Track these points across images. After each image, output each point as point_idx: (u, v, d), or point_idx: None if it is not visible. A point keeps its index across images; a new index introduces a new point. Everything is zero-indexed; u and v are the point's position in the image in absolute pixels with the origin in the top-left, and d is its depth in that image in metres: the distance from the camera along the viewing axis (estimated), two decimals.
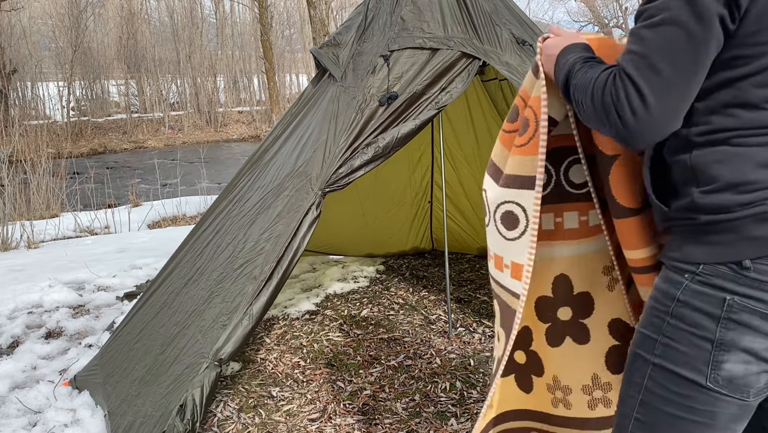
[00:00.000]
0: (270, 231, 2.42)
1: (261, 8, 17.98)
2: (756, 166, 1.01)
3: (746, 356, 1.04)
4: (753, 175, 1.01)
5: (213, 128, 19.50)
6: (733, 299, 1.04)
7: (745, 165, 1.02)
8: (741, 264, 1.02)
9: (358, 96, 2.54)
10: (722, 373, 1.06)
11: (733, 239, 1.03)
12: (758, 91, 1.00)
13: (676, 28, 1.00)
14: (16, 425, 2.48)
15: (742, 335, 1.04)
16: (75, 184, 8.37)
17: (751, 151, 1.02)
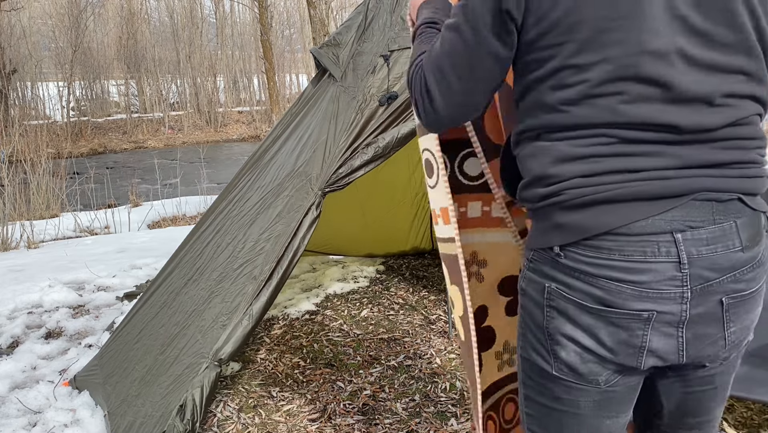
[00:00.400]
0: (270, 231, 2.42)
1: (261, 8, 17.99)
2: (555, 160, 1.04)
3: (573, 345, 1.05)
4: (552, 169, 1.04)
5: (213, 128, 19.51)
6: (551, 286, 1.05)
7: (545, 159, 1.05)
8: (553, 250, 1.04)
9: (358, 96, 2.54)
10: (562, 362, 1.06)
11: (546, 226, 1.06)
12: (553, 94, 1.03)
13: (456, 35, 1.07)
14: (16, 425, 2.48)
15: (564, 324, 1.05)
16: (75, 184, 8.37)
17: (551, 148, 1.05)
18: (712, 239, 0.99)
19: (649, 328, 1.00)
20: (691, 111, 0.98)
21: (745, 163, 1.02)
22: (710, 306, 1.01)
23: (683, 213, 0.99)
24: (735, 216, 1.01)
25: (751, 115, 1.03)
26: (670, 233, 0.98)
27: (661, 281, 0.98)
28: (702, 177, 0.99)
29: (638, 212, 0.99)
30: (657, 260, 0.98)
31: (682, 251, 0.98)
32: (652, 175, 0.98)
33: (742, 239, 1.01)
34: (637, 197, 0.99)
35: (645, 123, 0.98)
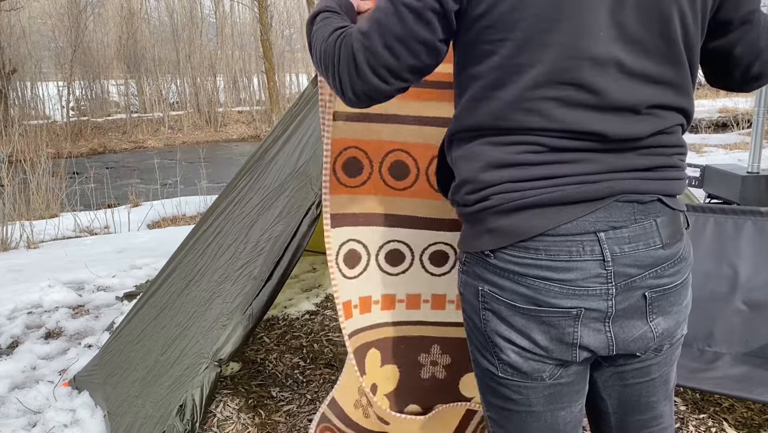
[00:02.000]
0: (270, 232, 2.42)
1: (261, 8, 17.98)
2: (486, 166, 1.05)
3: (512, 346, 1.07)
4: (483, 175, 1.05)
5: (213, 128, 19.49)
6: (484, 289, 1.07)
7: (477, 165, 1.06)
8: (484, 253, 1.07)
9: None
10: (505, 363, 1.09)
11: (478, 230, 1.08)
12: (489, 93, 1.02)
13: (392, 6, 1.02)
14: (15, 426, 2.48)
15: (499, 326, 1.07)
16: (75, 184, 8.37)
17: (483, 153, 1.05)
18: (634, 237, 1.03)
19: (579, 324, 1.04)
20: (618, 120, 1.01)
21: (665, 168, 1.07)
22: (634, 300, 1.05)
23: (606, 214, 1.02)
24: (655, 216, 1.05)
25: (675, 125, 1.07)
26: (594, 232, 1.02)
27: (587, 278, 1.02)
28: (624, 180, 1.03)
29: (565, 215, 1.02)
30: (582, 258, 1.02)
31: (605, 250, 1.02)
32: (577, 180, 1.02)
33: (663, 236, 1.05)
34: (563, 201, 1.02)
35: (576, 131, 1.00)
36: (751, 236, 2.30)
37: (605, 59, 0.98)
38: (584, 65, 0.98)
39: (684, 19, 1.02)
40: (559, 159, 1.02)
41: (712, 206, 2.40)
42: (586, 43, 0.97)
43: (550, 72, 0.98)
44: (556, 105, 0.99)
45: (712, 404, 2.42)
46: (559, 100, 0.99)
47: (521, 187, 1.02)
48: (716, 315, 2.25)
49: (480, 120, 1.04)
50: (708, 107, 17.14)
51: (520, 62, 0.98)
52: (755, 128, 4.17)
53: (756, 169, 4.13)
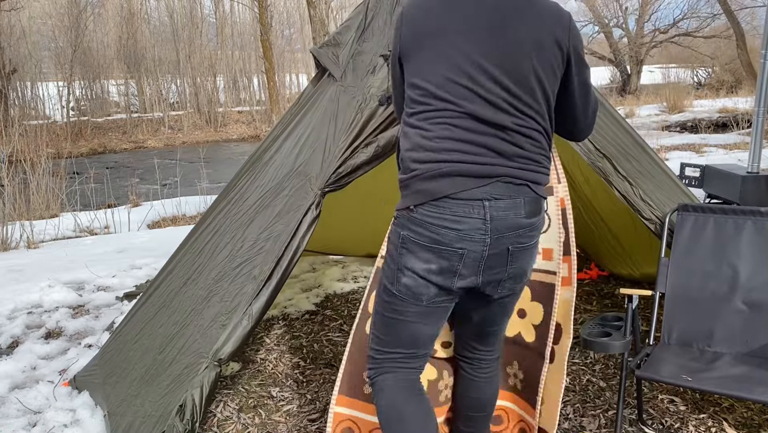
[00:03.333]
0: (269, 231, 2.42)
1: (261, 8, 17.97)
2: (413, 146, 1.59)
3: (411, 273, 1.61)
4: (412, 153, 1.59)
5: (213, 128, 19.49)
6: (405, 233, 1.61)
7: (408, 144, 1.61)
8: (410, 209, 1.59)
9: (358, 96, 2.53)
10: (401, 285, 1.64)
11: (408, 193, 1.60)
12: (409, 92, 1.62)
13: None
14: (16, 426, 2.48)
15: (408, 259, 1.60)
16: (75, 184, 8.36)
17: (411, 135, 1.61)
18: (506, 207, 1.56)
19: (462, 259, 1.57)
20: (494, 134, 1.55)
21: (533, 162, 1.59)
22: (501, 250, 1.59)
23: (491, 189, 1.55)
24: (524, 195, 1.58)
25: (540, 139, 1.60)
26: (481, 200, 1.54)
27: (473, 229, 1.55)
28: (505, 167, 1.56)
29: (465, 185, 1.54)
30: (471, 216, 1.54)
31: (487, 213, 1.55)
32: (476, 160, 1.54)
33: (526, 211, 1.59)
34: (465, 174, 1.54)
35: (471, 129, 1.56)
36: (751, 236, 2.29)
37: (473, 91, 1.56)
38: (455, 91, 1.58)
39: (540, 79, 1.56)
40: (464, 149, 1.55)
41: (712, 206, 2.40)
42: (453, 77, 1.58)
43: (428, 93, 1.64)
44: (452, 116, 1.61)
45: (712, 404, 2.42)
46: (451, 112, 1.63)
47: (440, 159, 1.56)
48: (716, 315, 2.25)
49: (409, 110, 1.63)
50: (708, 107, 17.13)
51: (414, 82, 1.64)
52: (755, 128, 4.17)
53: (756, 169, 4.12)
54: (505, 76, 1.52)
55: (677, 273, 2.36)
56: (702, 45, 24.13)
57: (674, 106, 17.27)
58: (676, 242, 2.40)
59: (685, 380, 1.98)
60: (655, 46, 25.84)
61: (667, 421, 2.32)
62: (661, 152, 10.14)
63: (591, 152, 2.49)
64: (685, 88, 20.61)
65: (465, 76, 1.53)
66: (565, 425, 2.32)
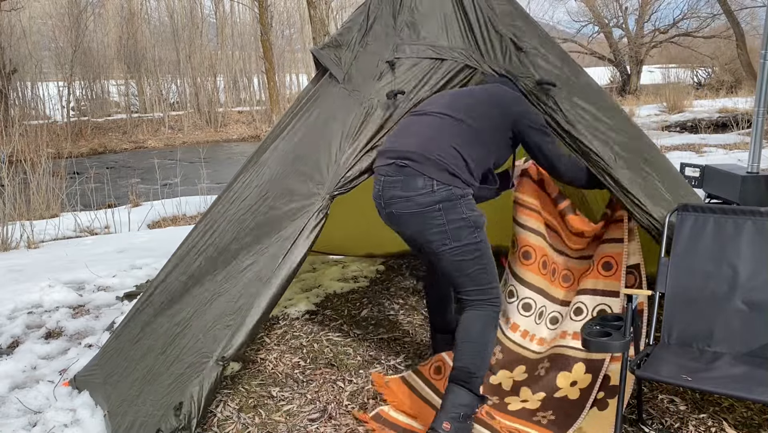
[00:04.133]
0: (275, 234, 2.42)
1: (261, 8, 17.97)
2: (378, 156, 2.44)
3: None
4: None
5: (213, 128, 19.49)
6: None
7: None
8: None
9: (364, 102, 2.54)
10: None
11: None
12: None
13: None
14: (16, 425, 2.48)
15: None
16: (75, 184, 8.36)
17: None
18: (391, 183, 2.24)
19: (380, 216, 2.34)
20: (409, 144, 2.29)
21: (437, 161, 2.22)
22: (389, 214, 2.27)
23: (388, 169, 2.26)
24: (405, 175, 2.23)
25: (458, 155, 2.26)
26: (381, 175, 2.28)
27: (377, 195, 2.30)
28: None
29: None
30: (374, 189, 2.31)
31: (381, 184, 2.27)
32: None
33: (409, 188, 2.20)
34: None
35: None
36: (751, 236, 2.29)
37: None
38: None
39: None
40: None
41: (712, 206, 2.40)
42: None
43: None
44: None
45: (712, 404, 2.42)
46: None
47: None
48: (716, 315, 2.25)
49: None
50: (708, 107, 17.13)
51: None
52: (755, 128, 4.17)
53: (756, 170, 4.12)
54: None
55: (677, 273, 2.36)
56: (702, 45, 24.13)
57: (674, 107, 17.27)
58: (676, 242, 2.40)
59: (685, 379, 1.98)
60: (655, 46, 25.84)
61: (667, 421, 2.32)
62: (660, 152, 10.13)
63: (592, 150, 2.51)
64: (685, 88, 20.60)
65: None
66: None
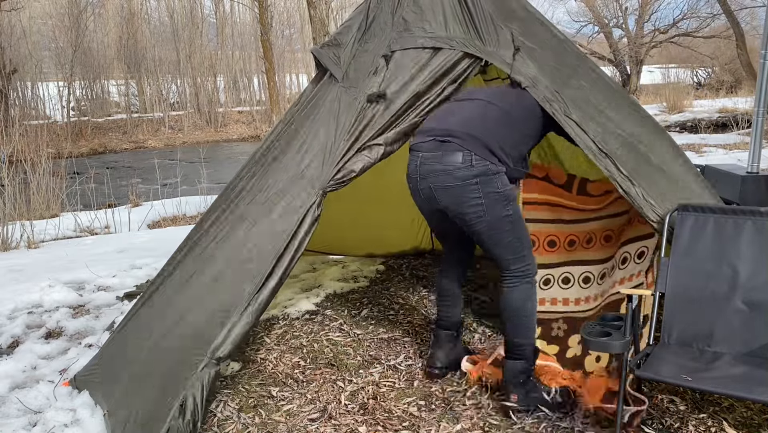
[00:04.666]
0: (271, 232, 2.42)
1: (261, 8, 17.98)
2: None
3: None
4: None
5: (213, 128, 19.49)
6: None
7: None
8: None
9: (360, 97, 2.54)
10: None
11: None
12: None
13: None
14: (16, 425, 2.48)
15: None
16: (75, 184, 8.36)
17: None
18: (430, 158, 2.36)
19: (412, 191, 2.44)
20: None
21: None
22: (424, 189, 2.39)
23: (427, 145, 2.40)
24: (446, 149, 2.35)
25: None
26: (419, 151, 2.40)
27: (413, 170, 2.40)
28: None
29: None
30: (411, 165, 2.42)
31: (419, 159, 2.39)
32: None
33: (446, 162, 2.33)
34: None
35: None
36: (751, 235, 2.29)
37: None
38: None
39: None
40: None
41: (712, 206, 2.40)
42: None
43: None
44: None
45: (712, 404, 2.42)
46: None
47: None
48: (716, 315, 2.25)
49: None
50: (707, 107, 17.12)
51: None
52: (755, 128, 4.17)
53: (756, 170, 4.12)
54: None
55: (677, 273, 2.36)
56: (702, 45, 24.12)
57: (674, 107, 17.26)
58: (675, 242, 2.40)
59: (685, 379, 1.98)
60: (655, 46, 25.83)
61: (667, 421, 2.32)
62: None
63: (592, 150, 2.48)
64: (684, 88, 20.60)
65: None
66: (565, 424, 2.32)
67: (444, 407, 2.48)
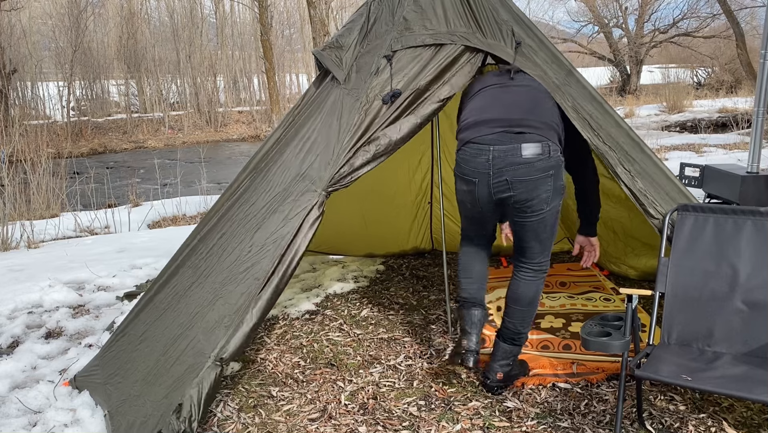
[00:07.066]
0: (275, 234, 2.42)
1: (261, 8, 17.98)
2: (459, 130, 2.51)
3: (459, 192, 2.48)
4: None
5: (213, 128, 19.49)
6: (455, 167, 2.47)
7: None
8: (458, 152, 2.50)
9: (362, 98, 2.54)
10: (458, 198, 2.53)
11: None
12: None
13: None
14: (16, 425, 2.48)
15: (457, 183, 2.49)
16: (75, 184, 8.37)
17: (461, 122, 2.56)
18: (506, 151, 2.29)
19: (476, 185, 2.35)
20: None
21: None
22: (500, 182, 2.30)
23: (495, 138, 2.32)
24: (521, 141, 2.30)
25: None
26: (489, 144, 2.32)
27: (482, 164, 2.32)
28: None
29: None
30: (480, 159, 2.33)
31: (491, 153, 2.31)
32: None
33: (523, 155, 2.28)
34: None
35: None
36: (750, 235, 2.29)
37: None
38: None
39: None
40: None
41: (712, 206, 2.40)
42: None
43: None
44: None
45: (711, 404, 2.42)
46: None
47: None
48: (716, 315, 2.25)
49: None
50: (708, 107, 17.13)
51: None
52: (755, 128, 4.17)
53: (755, 169, 4.12)
54: None
55: (677, 273, 2.36)
56: (702, 45, 24.12)
57: (674, 106, 17.27)
58: (675, 242, 2.40)
59: (685, 379, 1.98)
60: (655, 46, 25.83)
61: (667, 421, 2.32)
62: (660, 152, 10.14)
63: (599, 146, 2.51)
64: (684, 88, 20.60)
65: None
66: (565, 424, 2.32)
67: (444, 407, 2.48)
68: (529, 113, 2.33)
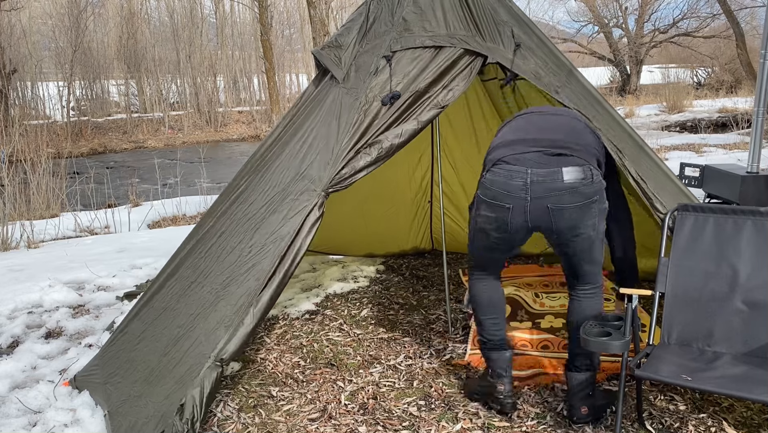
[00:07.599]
0: (275, 234, 2.42)
1: (261, 8, 17.98)
2: (490, 149, 2.34)
3: (482, 219, 2.28)
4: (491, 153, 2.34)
5: (213, 128, 19.49)
6: (478, 192, 2.29)
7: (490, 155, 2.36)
8: (483, 175, 2.30)
9: (361, 98, 2.53)
10: (478, 226, 2.32)
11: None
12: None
13: None
14: (16, 425, 2.48)
15: (480, 207, 2.29)
16: (75, 184, 8.36)
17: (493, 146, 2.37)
18: (546, 175, 2.13)
19: (510, 212, 2.16)
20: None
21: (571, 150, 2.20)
22: (539, 208, 2.14)
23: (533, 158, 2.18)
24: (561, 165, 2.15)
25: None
26: (526, 167, 2.16)
27: (517, 188, 2.14)
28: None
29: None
30: (515, 181, 2.16)
31: (528, 176, 2.14)
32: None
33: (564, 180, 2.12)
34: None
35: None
36: (750, 235, 2.30)
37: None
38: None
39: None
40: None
41: (712, 206, 2.40)
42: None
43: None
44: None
45: (711, 404, 2.42)
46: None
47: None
48: (716, 315, 2.25)
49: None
50: (708, 107, 17.13)
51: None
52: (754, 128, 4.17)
53: (755, 169, 4.12)
54: None
55: (677, 273, 2.36)
56: (702, 45, 24.12)
57: (674, 106, 17.27)
58: (675, 242, 2.40)
59: (685, 379, 1.99)
60: (655, 46, 25.83)
61: (667, 421, 2.32)
62: (660, 152, 10.14)
63: (608, 147, 2.53)
64: (684, 88, 20.60)
65: None
66: (564, 424, 2.32)
67: (444, 407, 2.48)
68: (568, 135, 2.21)
